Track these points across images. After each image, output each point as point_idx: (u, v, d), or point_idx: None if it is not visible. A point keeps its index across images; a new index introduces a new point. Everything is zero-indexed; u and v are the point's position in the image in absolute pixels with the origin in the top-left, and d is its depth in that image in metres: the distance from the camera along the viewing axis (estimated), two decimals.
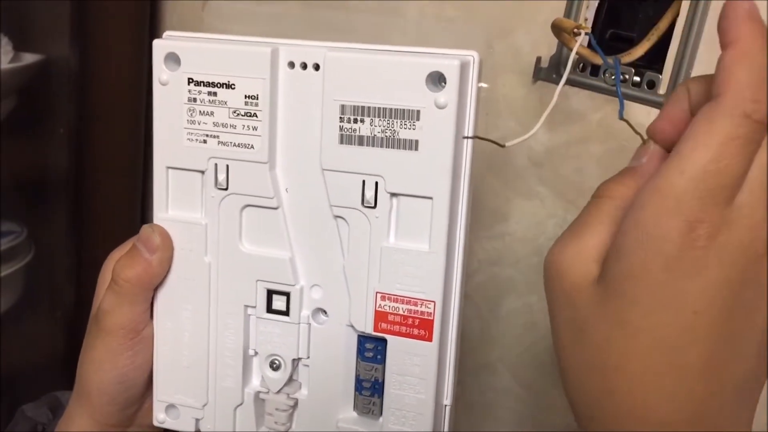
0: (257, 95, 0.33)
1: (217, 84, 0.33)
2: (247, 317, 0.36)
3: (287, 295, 0.35)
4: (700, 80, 0.26)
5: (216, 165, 0.34)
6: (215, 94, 0.33)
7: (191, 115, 0.34)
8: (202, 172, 0.35)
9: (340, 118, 0.32)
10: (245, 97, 0.33)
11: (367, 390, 0.34)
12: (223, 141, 0.34)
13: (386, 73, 0.31)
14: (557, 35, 0.40)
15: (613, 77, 0.45)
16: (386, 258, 0.33)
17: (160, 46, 0.34)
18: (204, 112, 0.34)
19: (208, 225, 0.35)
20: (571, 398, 0.28)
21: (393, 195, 0.32)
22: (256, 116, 0.33)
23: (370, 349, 0.34)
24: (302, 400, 0.36)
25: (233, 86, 0.33)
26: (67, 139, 0.69)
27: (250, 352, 0.36)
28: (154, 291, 0.36)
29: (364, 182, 0.32)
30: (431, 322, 0.33)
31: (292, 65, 0.33)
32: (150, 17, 0.71)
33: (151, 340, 0.37)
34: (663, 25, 0.42)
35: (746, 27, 0.23)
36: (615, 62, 0.41)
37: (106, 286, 0.36)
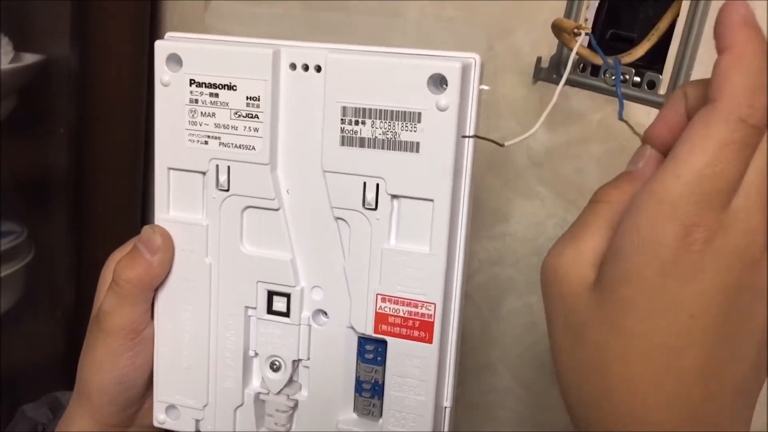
0: (259, 96, 0.33)
1: (219, 85, 0.33)
2: (248, 318, 0.36)
3: (288, 296, 0.35)
4: (697, 84, 0.26)
5: (217, 166, 0.34)
6: (217, 95, 0.33)
7: (193, 116, 0.34)
8: (203, 173, 0.35)
9: (342, 119, 0.32)
10: (247, 98, 0.33)
11: (367, 391, 0.34)
12: (224, 142, 0.34)
13: (388, 75, 0.31)
14: (557, 35, 0.40)
15: (613, 77, 0.45)
16: (387, 260, 0.33)
17: (162, 47, 0.34)
18: (205, 113, 0.34)
19: (209, 226, 0.35)
20: (568, 401, 0.28)
21: (394, 197, 0.32)
22: (258, 118, 0.33)
23: (371, 350, 0.34)
24: (302, 402, 0.36)
25: (235, 87, 0.33)
26: (67, 139, 0.69)
27: (251, 353, 0.36)
28: (155, 292, 0.36)
29: (365, 184, 0.32)
30: (431, 324, 0.33)
31: (293, 67, 0.33)
32: (150, 17, 0.71)
33: (152, 341, 0.37)
34: (663, 25, 0.42)
35: (742, 32, 0.23)
36: (615, 62, 0.40)
37: (107, 286, 0.36)
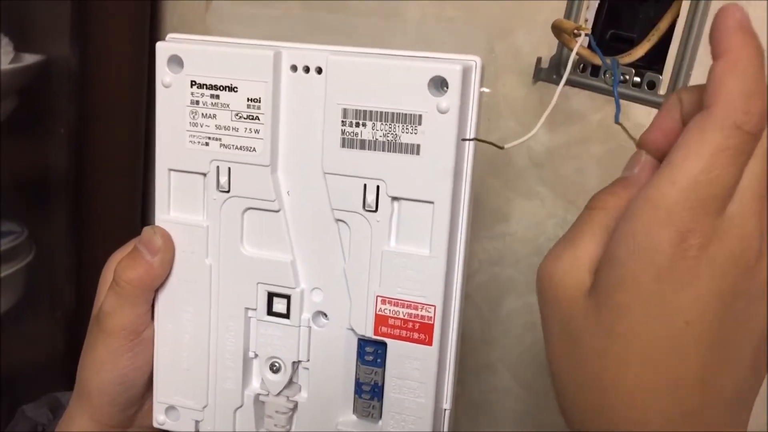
0: (260, 98, 0.33)
1: (220, 87, 0.33)
2: (248, 320, 0.36)
3: (288, 297, 0.35)
4: (692, 90, 0.26)
5: (218, 167, 0.34)
6: (218, 96, 0.33)
7: (194, 117, 0.34)
8: (204, 175, 0.35)
9: (342, 121, 0.32)
10: (248, 99, 0.33)
11: (367, 393, 0.34)
12: (225, 144, 0.34)
13: (388, 77, 0.31)
14: (557, 36, 0.40)
15: (613, 78, 0.45)
16: (387, 262, 0.33)
17: (163, 49, 0.34)
18: (206, 114, 0.34)
19: (209, 227, 0.35)
20: (563, 406, 0.28)
21: (394, 199, 0.32)
22: (258, 119, 0.33)
23: (370, 352, 0.34)
24: (302, 403, 0.36)
25: (236, 89, 0.33)
26: (67, 139, 0.69)
27: (251, 355, 0.36)
28: (155, 292, 0.36)
29: (365, 186, 0.32)
30: (431, 326, 0.33)
31: (294, 68, 0.33)
32: (150, 17, 0.71)
33: (152, 342, 0.37)
34: (663, 25, 0.42)
35: (737, 38, 0.23)
36: (613, 64, 0.40)
37: (108, 287, 0.36)
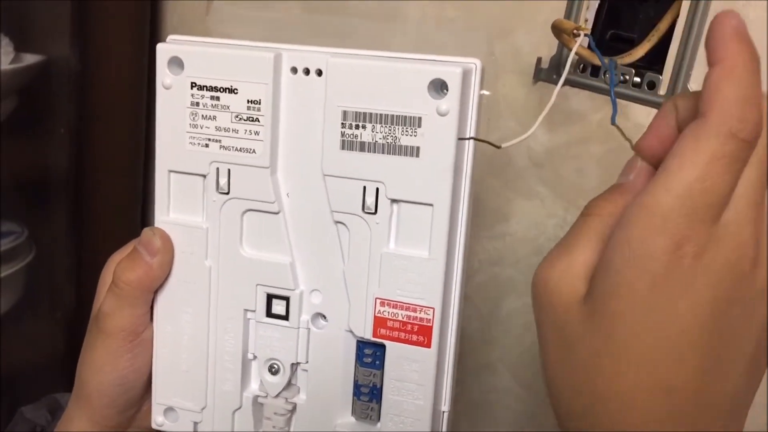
0: (260, 100, 0.33)
1: (220, 88, 0.33)
2: (247, 321, 0.36)
3: (287, 299, 0.35)
4: (688, 97, 0.26)
5: (218, 169, 0.34)
6: (218, 98, 0.33)
7: (194, 119, 0.34)
8: (203, 176, 0.35)
9: (342, 123, 0.32)
10: (248, 101, 0.33)
11: (366, 395, 0.34)
12: (225, 145, 0.34)
13: (388, 79, 0.31)
14: (557, 36, 0.40)
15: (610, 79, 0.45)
16: (386, 264, 0.33)
17: (164, 50, 0.34)
18: (206, 116, 0.34)
19: (209, 229, 0.35)
20: (558, 413, 0.28)
21: (393, 201, 0.32)
22: (258, 121, 0.33)
23: (369, 354, 0.34)
24: (300, 405, 0.36)
25: (236, 91, 0.33)
26: (68, 139, 0.68)
27: (249, 356, 0.36)
28: (155, 294, 0.36)
29: (365, 188, 0.32)
30: (430, 328, 0.33)
31: (294, 70, 0.33)
32: (150, 18, 0.71)
33: (151, 343, 0.37)
34: (663, 26, 0.42)
35: (733, 45, 0.23)
36: (610, 65, 0.40)
37: (107, 288, 0.36)
